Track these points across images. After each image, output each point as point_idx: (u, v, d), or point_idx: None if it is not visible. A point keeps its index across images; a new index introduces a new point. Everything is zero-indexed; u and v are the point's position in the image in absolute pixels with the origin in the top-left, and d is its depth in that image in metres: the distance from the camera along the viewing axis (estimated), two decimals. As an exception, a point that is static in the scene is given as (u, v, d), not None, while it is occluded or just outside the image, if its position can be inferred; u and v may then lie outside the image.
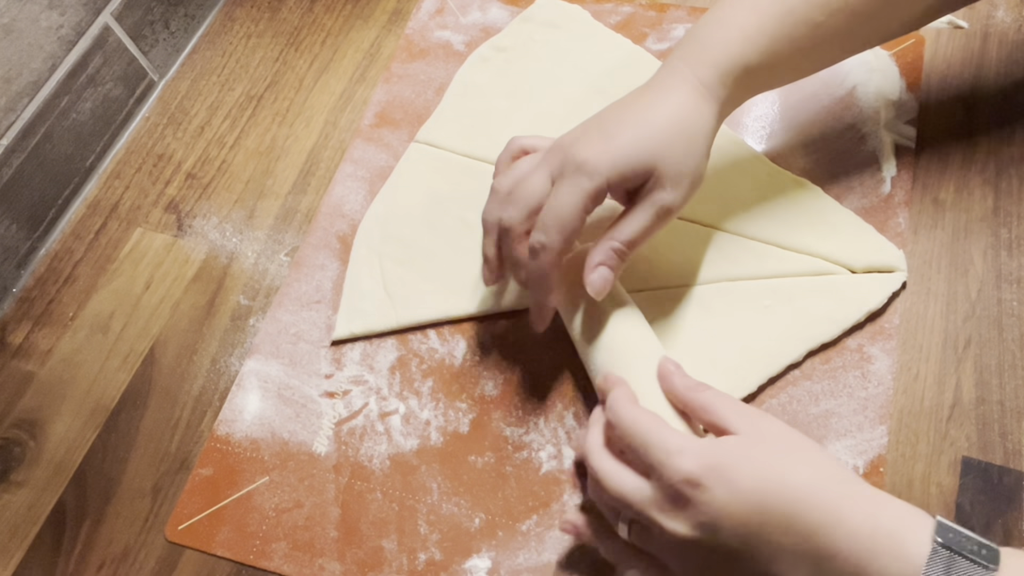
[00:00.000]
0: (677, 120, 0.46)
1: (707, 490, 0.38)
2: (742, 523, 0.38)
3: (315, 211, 0.65)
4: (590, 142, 0.46)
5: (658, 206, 0.46)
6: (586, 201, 0.46)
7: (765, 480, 0.38)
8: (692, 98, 0.47)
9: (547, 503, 0.51)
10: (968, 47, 0.63)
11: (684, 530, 0.39)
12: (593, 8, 0.72)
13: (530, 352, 0.56)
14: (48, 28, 0.64)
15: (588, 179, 0.45)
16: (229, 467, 0.54)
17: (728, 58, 0.48)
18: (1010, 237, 0.55)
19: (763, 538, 0.38)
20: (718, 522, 0.38)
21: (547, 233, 0.46)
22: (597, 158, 0.45)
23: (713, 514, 0.38)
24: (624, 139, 0.46)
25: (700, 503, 0.38)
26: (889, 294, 0.53)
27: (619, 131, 0.46)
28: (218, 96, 0.73)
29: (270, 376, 0.58)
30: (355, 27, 0.75)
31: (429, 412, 0.55)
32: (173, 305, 0.62)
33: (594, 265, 0.47)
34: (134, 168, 0.70)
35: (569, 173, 0.46)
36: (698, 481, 0.38)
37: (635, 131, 0.46)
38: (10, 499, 0.56)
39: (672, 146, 0.46)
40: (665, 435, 0.40)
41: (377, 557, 0.50)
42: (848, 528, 0.37)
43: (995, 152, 0.58)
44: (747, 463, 0.38)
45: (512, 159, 0.53)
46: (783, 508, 0.37)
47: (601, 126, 0.47)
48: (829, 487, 0.38)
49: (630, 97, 0.49)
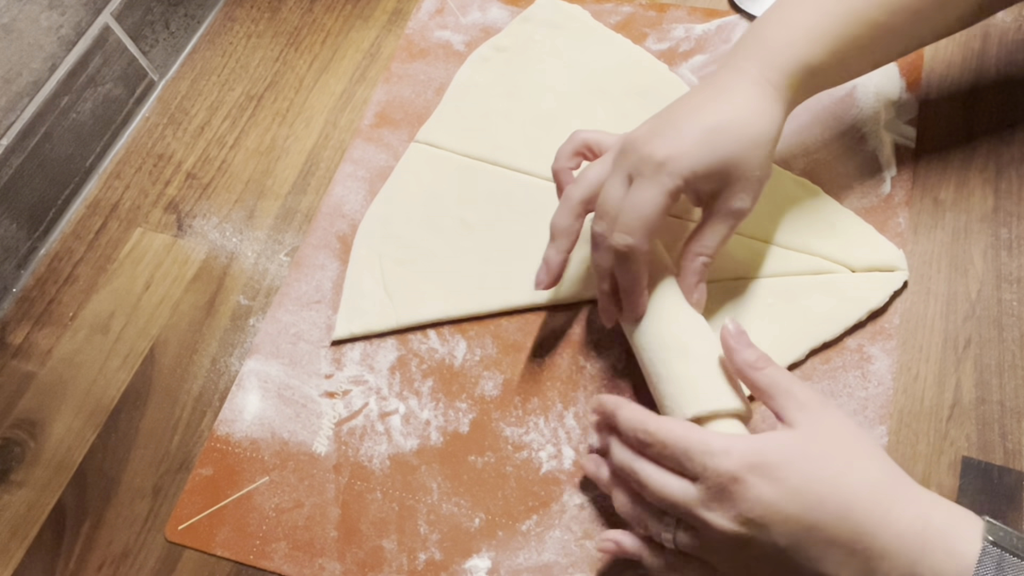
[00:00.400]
0: (749, 121, 0.47)
1: (753, 487, 0.38)
2: (791, 521, 0.38)
3: (315, 211, 0.65)
4: (667, 142, 0.46)
5: (734, 214, 0.47)
6: (667, 200, 0.46)
7: (815, 480, 0.38)
8: (761, 99, 0.47)
9: (547, 503, 0.51)
10: (968, 47, 0.63)
11: (731, 527, 0.39)
12: (593, 8, 0.72)
13: (530, 352, 0.56)
14: (48, 28, 0.64)
15: (669, 178, 0.45)
16: (229, 467, 0.54)
17: (794, 59, 0.48)
18: (1010, 237, 0.55)
19: (813, 537, 0.38)
20: (766, 519, 0.38)
21: (633, 235, 0.46)
22: (676, 158, 0.45)
23: (761, 511, 0.38)
24: (701, 141, 0.46)
25: (747, 500, 0.38)
26: (891, 293, 0.53)
27: (695, 133, 0.46)
28: (218, 96, 0.73)
29: (270, 376, 0.58)
30: (355, 27, 0.75)
31: (429, 412, 0.55)
32: (173, 305, 0.62)
33: (693, 284, 0.49)
34: (134, 168, 0.70)
35: (649, 172, 0.46)
36: (744, 478, 0.38)
37: (712, 135, 0.46)
38: (10, 499, 0.56)
39: (746, 149, 0.46)
40: (706, 438, 0.40)
41: (377, 557, 0.50)
42: (899, 528, 0.37)
43: (995, 152, 0.58)
44: (797, 462, 0.38)
45: (574, 153, 0.53)
46: (833, 508, 0.37)
47: (674, 125, 0.47)
48: (880, 487, 0.38)
49: (697, 96, 0.49)
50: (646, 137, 0.47)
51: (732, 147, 0.46)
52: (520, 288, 0.58)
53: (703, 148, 0.46)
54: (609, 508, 0.50)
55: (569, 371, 0.55)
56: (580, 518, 0.50)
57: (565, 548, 0.49)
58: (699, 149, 0.46)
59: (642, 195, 0.46)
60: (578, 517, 0.50)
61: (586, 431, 0.52)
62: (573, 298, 0.57)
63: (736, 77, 0.48)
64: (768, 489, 0.38)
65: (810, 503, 0.38)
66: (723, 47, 0.67)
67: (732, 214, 0.48)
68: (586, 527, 0.49)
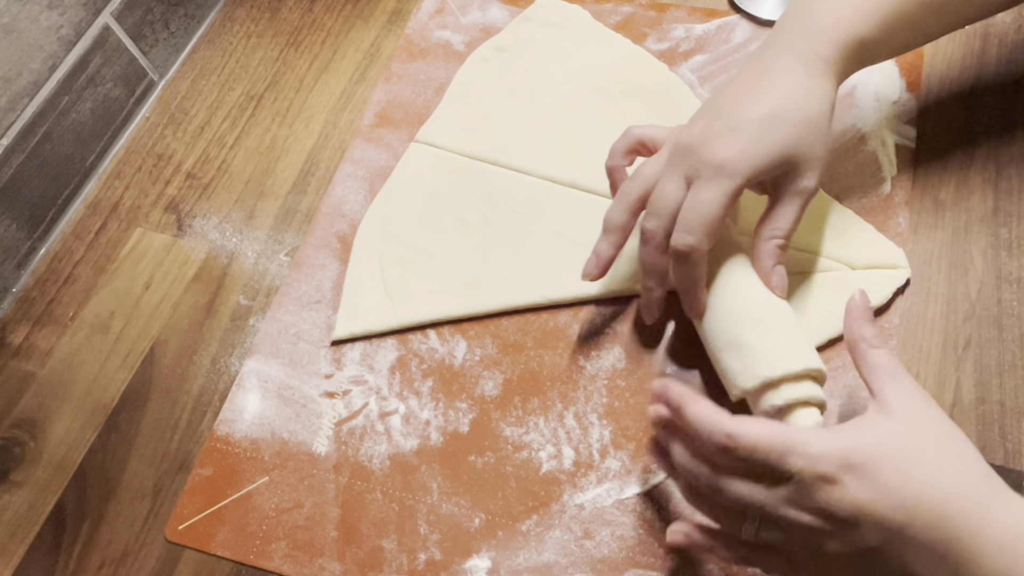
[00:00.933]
0: (803, 102, 0.46)
1: (849, 488, 0.37)
2: (884, 521, 0.37)
3: (315, 211, 0.65)
4: (722, 141, 0.46)
5: (803, 194, 0.47)
6: (728, 202, 0.46)
7: (910, 478, 0.37)
8: (811, 75, 0.47)
9: (547, 503, 0.51)
10: (968, 47, 0.63)
11: (820, 523, 0.38)
12: (593, 8, 0.72)
13: (530, 352, 0.56)
14: (48, 28, 0.64)
15: (730, 180, 0.46)
16: (229, 467, 0.54)
17: (845, 32, 0.48)
18: (1010, 237, 0.55)
19: (904, 537, 0.37)
20: (857, 518, 0.37)
21: (694, 235, 0.46)
22: (736, 159, 0.45)
23: (854, 511, 0.37)
24: (758, 133, 0.46)
25: (840, 500, 0.37)
26: (893, 290, 0.53)
27: (749, 124, 0.46)
28: (218, 96, 0.73)
29: (270, 376, 0.58)
30: (355, 27, 0.75)
31: (429, 412, 0.55)
32: (173, 305, 0.62)
33: (770, 267, 0.48)
34: (134, 168, 0.70)
35: (708, 176, 0.46)
36: (840, 479, 0.37)
37: (767, 125, 0.46)
38: (10, 499, 0.56)
39: (804, 132, 0.46)
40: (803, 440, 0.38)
41: (377, 557, 0.50)
42: (993, 534, 0.36)
43: (995, 152, 0.58)
44: (894, 458, 0.38)
45: (628, 150, 0.53)
46: (927, 509, 0.37)
47: (727, 119, 0.47)
48: (975, 491, 0.38)
49: (747, 81, 0.48)
50: (702, 138, 0.47)
51: (789, 133, 0.46)
52: (520, 288, 0.58)
53: (760, 143, 0.46)
54: (609, 507, 0.50)
55: (569, 371, 0.55)
56: (580, 518, 0.50)
57: (565, 548, 0.49)
58: (756, 146, 0.46)
59: (703, 197, 0.46)
60: (578, 517, 0.50)
61: (586, 431, 0.52)
62: (588, 296, 0.57)
63: (784, 55, 0.48)
64: (863, 490, 0.37)
65: (904, 503, 0.37)
66: (723, 47, 0.67)
67: (799, 194, 0.48)
68: (586, 527, 0.49)
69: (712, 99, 0.50)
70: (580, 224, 0.60)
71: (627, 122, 0.64)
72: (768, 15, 0.68)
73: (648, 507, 0.49)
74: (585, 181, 0.61)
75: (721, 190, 0.46)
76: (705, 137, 0.47)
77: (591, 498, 0.50)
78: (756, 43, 0.67)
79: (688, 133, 0.48)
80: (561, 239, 0.59)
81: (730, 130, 0.46)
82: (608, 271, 0.52)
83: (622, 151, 0.53)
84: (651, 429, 0.46)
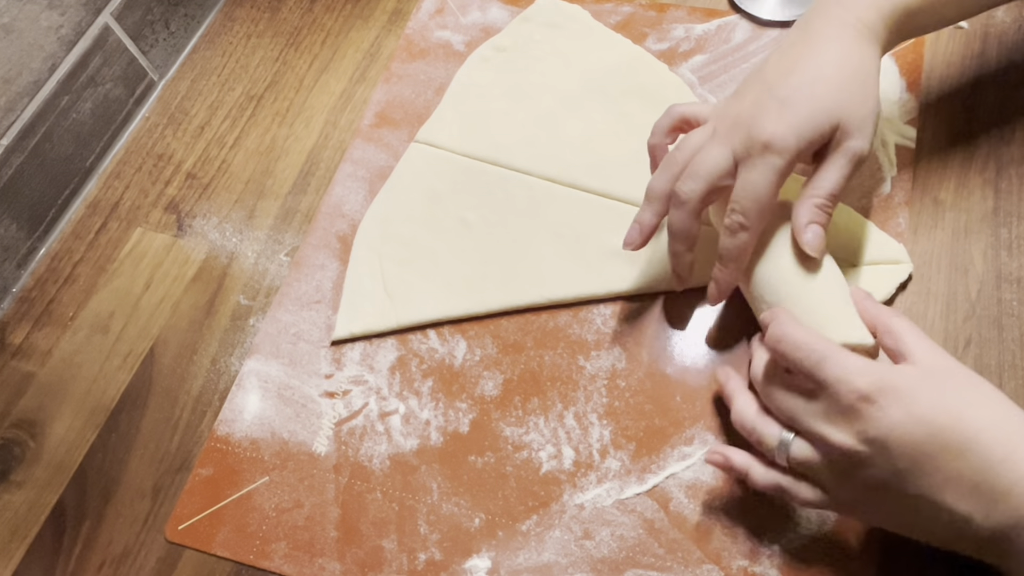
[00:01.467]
0: (849, 67, 0.47)
1: (881, 407, 0.38)
2: (913, 445, 0.38)
3: (315, 211, 0.65)
4: (770, 116, 0.46)
5: (851, 155, 0.47)
6: (779, 179, 0.46)
7: (943, 408, 0.38)
8: (856, 42, 0.47)
9: (547, 503, 0.51)
10: (968, 47, 0.63)
11: (852, 443, 0.39)
12: (593, 8, 0.72)
13: (530, 352, 0.56)
14: (48, 28, 0.64)
15: (779, 157, 0.46)
16: (229, 467, 0.54)
17: (890, 1, 0.48)
18: (1010, 237, 0.55)
19: (935, 463, 0.38)
20: (889, 441, 0.38)
21: (747, 215, 0.46)
22: (784, 135, 0.45)
23: (884, 431, 0.38)
24: (805, 106, 0.46)
25: (872, 418, 0.38)
26: (896, 285, 0.53)
27: (796, 97, 0.46)
28: (218, 96, 0.73)
29: (270, 376, 0.58)
30: (355, 27, 0.75)
31: (429, 412, 0.55)
32: (173, 305, 0.62)
33: (805, 224, 0.47)
34: (134, 168, 0.70)
35: (757, 153, 0.46)
36: (873, 398, 0.38)
37: (812, 91, 0.46)
38: (10, 499, 0.56)
39: (851, 96, 0.46)
40: (843, 354, 0.40)
41: (377, 557, 0.50)
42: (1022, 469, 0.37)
43: (995, 152, 0.58)
44: (926, 390, 0.39)
45: (671, 128, 0.53)
46: (960, 438, 0.37)
47: (773, 92, 0.47)
48: (1004, 426, 0.38)
49: (792, 50, 0.49)
50: (752, 112, 0.47)
51: (836, 97, 0.46)
52: (520, 288, 0.58)
53: (808, 113, 0.46)
54: (609, 507, 0.50)
55: (569, 371, 0.55)
56: (580, 518, 0.50)
57: (565, 548, 0.49)
58: (804, 117, 0.46)
59: (753, 177, 0.46)
60: (578, 517, 0.50)
61: (586, 431, 0.52)
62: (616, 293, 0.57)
63: (829, 23, 0.48)
64: (896, 412, 0.38)
65: (934, 431, 0.38)
66: (723, 47, 0.67)
67: (847, 154, 0.47)
68: (586, 527, 0.49)
69: (759, 69, 0.49)
70: (580, 224, 0.60)
71: (627, 122, 0.64)
72: (768, 15, 0.68)
73: (648, 507, 0.50)
74: (585, 181, 0.61)
75: (771, 168, 0.46)
76: (755, 111, 0.47)
77: (591, 498, 0.50)
78: (756, 43, 0.67)
79: (737, 105, 0.48)
80: (561, 239, 0.59)
81: (779, 103, 0.46)
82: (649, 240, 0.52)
83: (665, 129, 0.53)
84: (651, 428, 0.46)
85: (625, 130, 0.64)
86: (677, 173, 0.49)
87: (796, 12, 0.67)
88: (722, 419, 0.51)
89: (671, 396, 0.53)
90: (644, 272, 0.57)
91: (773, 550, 0.47)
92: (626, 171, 0.61)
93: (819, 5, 0.49)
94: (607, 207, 0.60)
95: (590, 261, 0.58)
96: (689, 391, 0.53)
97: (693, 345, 0.54)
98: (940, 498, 0.38)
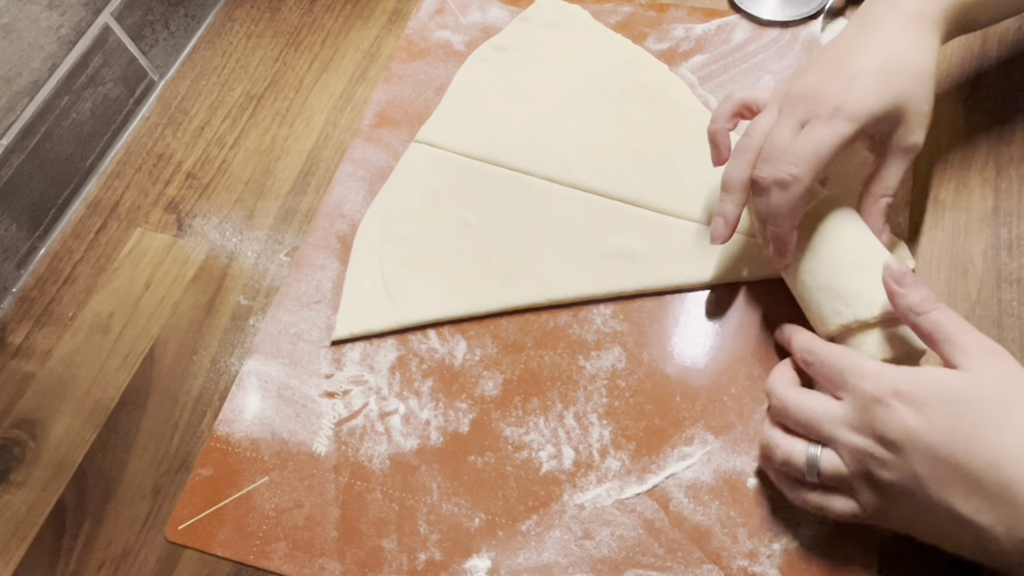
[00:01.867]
0: (914, 55, 0.47)
1: (896, 410, 0.39)
2: (931, 452, 0.38)
3: (315, 211, 0.65)
4: (839, 87, 0.46)
5: (910, 151, 0.48)
6: (842, 144, 0.46)
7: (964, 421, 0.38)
8: (920, 34, 0.47)
9: (547, 503, 0.51)
10: (968, 47, 0.63)
11: (870, 445, 0.40)
12: (593, 8, 0.72)
13: (530, 352, 0.56)
14: (48, 28, 0.64)
15: (847, 123, 0.46)
16: (229, 467, 0.54)
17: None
18: (1010, 237, 0.55)
19: (954, 475, 0.38)
20: (905, 444, 0.39)
21: (800, 166, 0.46)
22: (853, 103, 0.46)
23: (902, 435, 0.39)
24: (874, 85, 0.46)
25: (887, 421, 0.39)
26: None
27: (865, 76, 0.46)
28: (218, 96, 0.73)
29: (270, 376, 0.58)
30: (355, 27, 0.75)
31: (429, 412, 0.55)
32: (173, 305, 0.62)
33: (882, 226, 0.49)
34: (134, 168, 0.70)
35: (826, 115, 0.46)
36: (887, 401, 0.39)
37: (881, 72, 0.46)
38: (10, 499, 0.56)
39: (914, 87, 0.47)
40: (860, 361, 0.42)
41: (377, 557, 0.50)
42: None
43: (995, 152, 0.58)
44: (949, 402, 0.39)
45: (732, 114, 0.53)
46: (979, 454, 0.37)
47: (841, 70, 0.47)
48: None
49: (855, 36, 0.49)
50: (817, 83, 0.47)
51: (902, 84, 0.46)
52: (520, 288, 0.58)
53: (876, 90, 0.46)
54: (609, 507, 0.50)
55: (569, 371, 0.55)
56: (580, 518, 0.50)
57: (565, 548, 0.49)
58: (873, 93, 0.46)
59: (817, 133, 0.46)
60: (578, 517, 0.50)
61: (586, 431, 0.52)
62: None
63: (891, 12, 0.48)
64: (910, 416, 0.39)
65: (953, 441, 0.38)
66: (723, 47, 0.67)
67: (907, 151, 0.48)
68: (586, 527, 0.49)
69: (820, 53, 0.50)
70: (580, 224, 0.60)
71: (627, 122, 0.64)
72: (768, 15, 0.68)
73: (648, 507, 0.50)
74: (585, 181, 0.61)
75: (837, 131, 0.46)
76: (822, 85, 0.47)
77: (591, 498, 0.50)
78: (756, 43, 0.67)
79: (802, 83, 0.48)
80: (561, 239, 0.59)
81: (847, 78, 0.46)
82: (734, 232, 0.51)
83: (726, 115, 0.53)
84: (651, 428, 0.46)
85: (625, 130, 0.64)
86: (752, 159, 0.49)
87: (796, 12, 0.67)
88: (722, 419, 0.51)
89: (671, 396, 0.53)
90: (645, 272, 0.57)
91: (773, 550, 0.47)
92: (626, 171, 0.61)
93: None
94: (607, 207, 0.60)
95: (590, 261, 0.58)
96: (689, 391, 0.53)
97: (693, 345, 0.54)
98: (961, 509, 0.38)
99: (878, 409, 0.39)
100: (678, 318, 0.56)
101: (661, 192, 0.60)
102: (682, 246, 0.57)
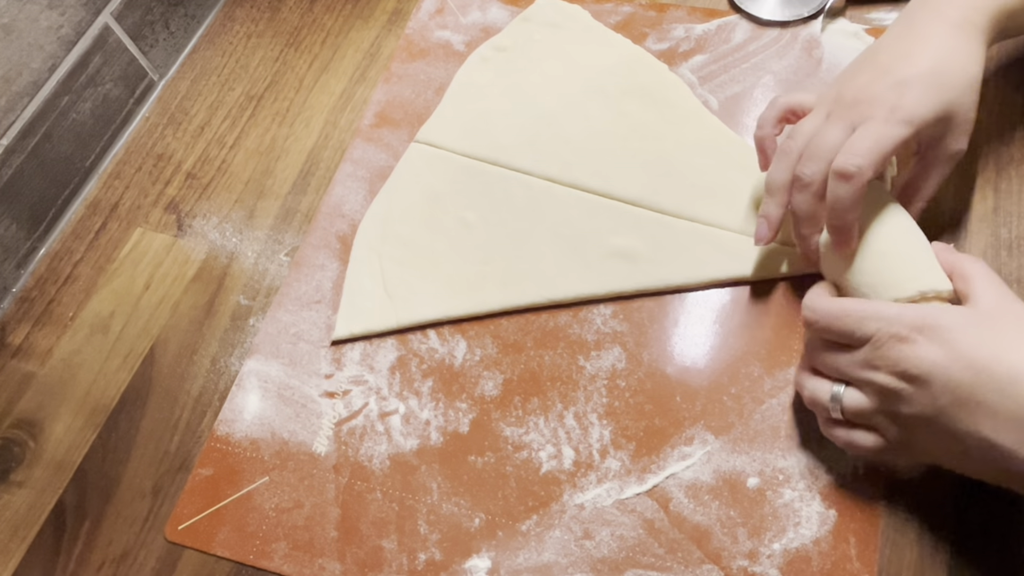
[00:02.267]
0: (963, 63, 0.47)
1: (920, 346, 0.40)
2: (954, 382, 0.39)
3: (315, 211, 0.65)
4: (893, 92, 0.46)
5: (954, 158, 0.48)
6: (899, 144, 0.46)
7: (984, 347, 0.39)
8: (966, 41, 0.48)
9: (547, 503, 0.51)
10: (968, 47, 0.63)
11: (892, 382, 0.41)
12: (593, 8, 0.72)
13: (530, 352, 0.56)
14: (48, 28, 0.64)
15: (903, 126, 0.46)
16: (229, 467, 0.54)
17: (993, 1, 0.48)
18: (1010, 237, 0.55)
19: (976, 400, 0.39)
20: (929, 377, 0.40)
21: (864, 158, 0.45)
22: (909, 107, 0.46)
23: (926, 369, 0.40)
24: (926, 87, 0.46)
25: (911, 357, 0.40)
26: None
27: (916, 81, 0.46)
28: (218, 96, 0.73)
29: (270, 376, 0.58)
30: (355, 27, 0.75)
31: (429, 412, 0.55)
32: (173, 305, 0.62)
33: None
34: (134, 168, 0.70)
35: (882, 118, 0.46)
36: (911, 337, 0.40)
37: (933, 78, 0.46)
38: (10, 499, 0.56)
39: (963, 93, 0.47)
40: (879, 306, 0.42)
41: (377, 557, 0.50)
42: None
43: (995, 152, 0.58)
44: (970, 328, 0.40)
45: (778, 119, 0.53)
46: (1000, 375, 0.38)
47: (891, 73, 0.47)
48: None
49: (901, 42, 0.49)
50: (868, 87, 0.47)
51: (952, 91, 0.47)
52: (520, 288, 0.58)
53: (929, 96, 0.46)
54: (609, 507, 0.50)
55: (569, 371, 0.55)
56: (580, 518, 0.50)
57: (565, 548, 0.49)
58: (926, 98, 0.46)
59: (876, 131, 0.46)
60: (578, 517, 0.50)
61: (586, 431, 0.52)
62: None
63: (936, 19, 0.48)
64: (934, 349, 0.40)
65: (976, 368, 0.39)
66: (723, 47, 0.67)
67: (952, 157, 0.48)
68: (586, 527, 0.50)
69: (867, 58, 0.50)
70: (580, 224, 0.60)
71: (627, 122, 0.64)
72: (768, 15, 0.68)
73: (648, 507, 0.50)
74: (585, 181, 0.61)
75: (894, 131, 0.46)
76: (873, 89, 0.47)
77: (591, 498, 0.50)
78: (756, 43, 0.67)
79: (851, 87, 0.48)
80: (561, 239, 0.59)
81: (898, 83, 0.47)
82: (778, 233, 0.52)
83: (772, 120, 0.53)
84: (651, 429, 0.46)
85: (625, 130, 0.64)
86: (795, 161, 0.49)
87: (796, 12, 0.67)
88: (722, 419, 0.51)
89: (671, 396, 0.53)
90: (645, 272, 0.57)
91: (773, 550, 0.47)
92: (626, 171, 0.61)
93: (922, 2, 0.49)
94: (607, 207, 0.60)
95: (590, 261, 0.58)
96: (689, 391, 0.53)
97: (693, 345, 0.55)
98: (985, 433, 0.39)
99: (898, 345, 0.40)
100: (678, 318, 0.56)
101: (661, 192, 0.60)
102: (682, 246, 0.57)
